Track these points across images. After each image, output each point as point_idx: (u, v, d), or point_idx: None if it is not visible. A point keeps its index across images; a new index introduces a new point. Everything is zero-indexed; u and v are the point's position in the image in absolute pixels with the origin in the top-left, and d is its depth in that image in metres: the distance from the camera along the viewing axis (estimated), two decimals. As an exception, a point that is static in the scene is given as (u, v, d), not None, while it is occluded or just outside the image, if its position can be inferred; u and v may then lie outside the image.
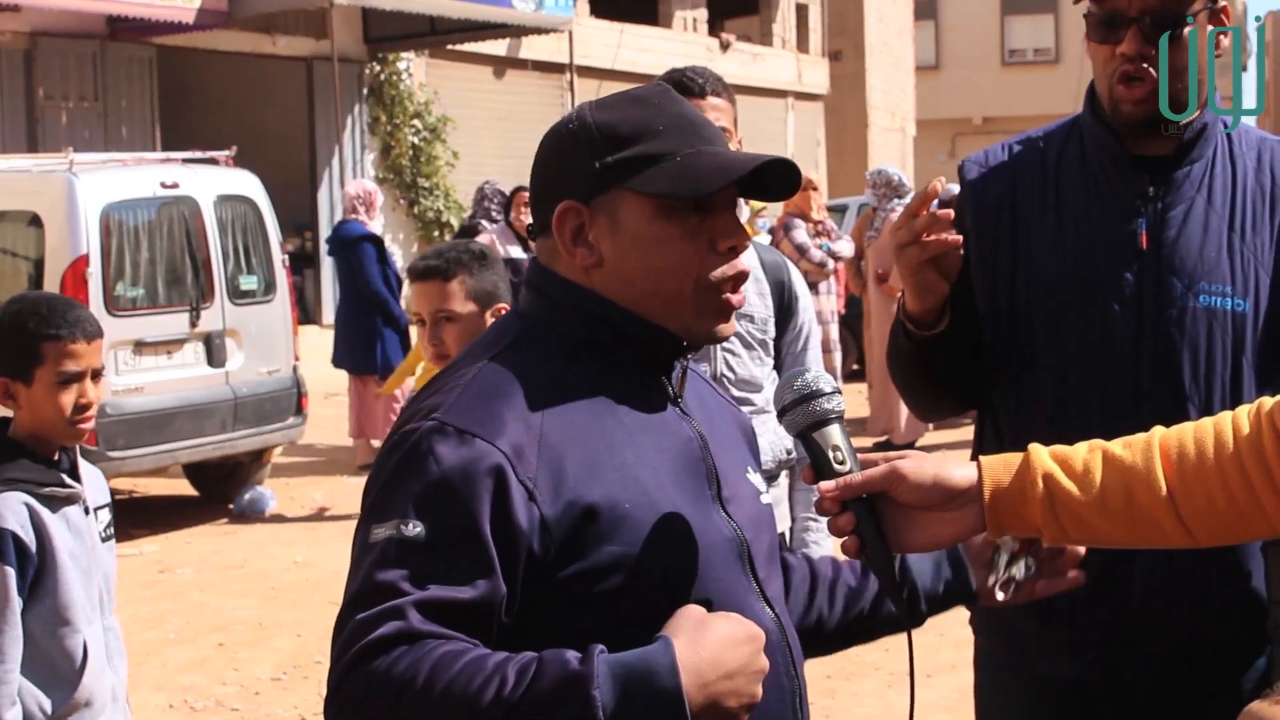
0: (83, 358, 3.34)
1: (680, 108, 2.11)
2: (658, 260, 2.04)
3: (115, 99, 18.26)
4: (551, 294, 2.09)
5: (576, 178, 2.05)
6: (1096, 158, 2.85)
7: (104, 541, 3.43)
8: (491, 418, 1.94)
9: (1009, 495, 2.11)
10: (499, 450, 1.91)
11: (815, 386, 2.10)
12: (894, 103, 35.56)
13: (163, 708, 6.59)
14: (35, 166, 10.46)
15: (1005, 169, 2.94)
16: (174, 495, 11.10)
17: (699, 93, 3.69)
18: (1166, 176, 2.80)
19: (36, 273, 9.38)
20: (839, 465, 2.08)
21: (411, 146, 21.58)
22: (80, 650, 3.27)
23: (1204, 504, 2.10)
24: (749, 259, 3.91)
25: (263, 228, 10.58)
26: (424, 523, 1.88)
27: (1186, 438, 2.13)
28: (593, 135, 2.05)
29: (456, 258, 3.83)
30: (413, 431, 1.96)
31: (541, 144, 2.13)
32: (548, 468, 1.93)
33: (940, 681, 6.56)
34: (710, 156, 2.05)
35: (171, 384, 9.78)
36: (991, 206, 2.90)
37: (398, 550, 1.88)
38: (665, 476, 2.02)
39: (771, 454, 3.87)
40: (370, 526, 1.93)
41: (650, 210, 2.03)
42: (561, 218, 2.06)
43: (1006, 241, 2.87)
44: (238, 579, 8.76)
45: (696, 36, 28.43)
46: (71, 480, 3.34)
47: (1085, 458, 2.13)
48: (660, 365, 2.11)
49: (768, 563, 2.15)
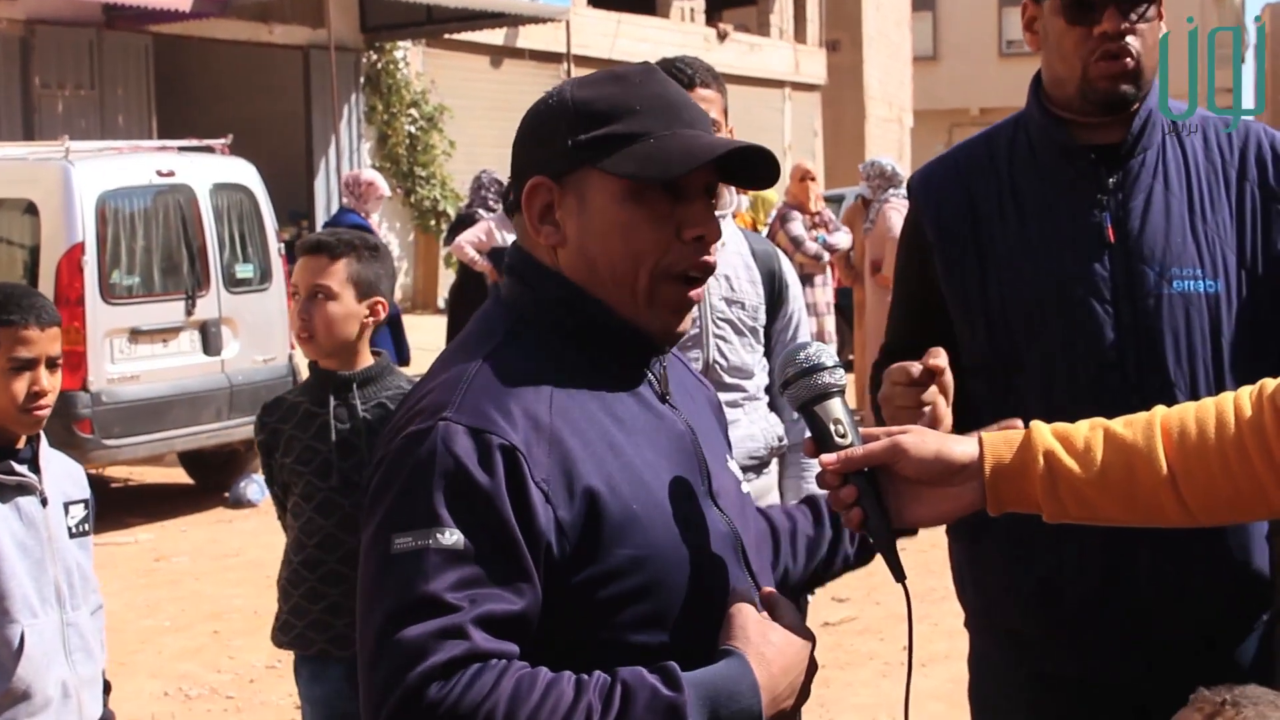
0: (35, 344, 3.30)
1: (661, 88, 2.04)
2: (618, 244, 1.98)
3: (112, 87, 18.24)
4: (531, 281, 2.04)
5: (549, 154, 2.00)
6: (1048, 153, 2.86)
7: (75, 536, 3.38)
8: (502, 414, 1.88)
9: (1010, 471, 2.11)
10: (516, 448, 1.86)
11: (818, 360, 2.10)
12: (891, 93, 35.55)
13: (158, 695, 6.59)
14: (31, 154, 10.44)
15: (958, 179, 2.94)
16: (169, 483, 11.10)
17: (687, 84, 3.70)
18: (1121, 166, 2.81)
19: (32, 261, 9.36)
20: (840, 438, 2.08)
21: (408, 135, 21.58)
22: (16, 641, 3.22)
23: (1204, 484, 2.10)
24: (738, 245, 3.92)
25: (259, 216, 10.57)
26: (460, 528, 1.81)
27: (1188, 417, 2.14)
28: (569, 112, 2.00)
29: (349, 240, 3.87)
30: (423, 433, 1.88)
31: (523, 120, 2.08)
32: (559, 469, 1.88)
33: (934, 671, 6.57)
34: (683, 139, 1.98)
35: (167, 372, 9.77)
36: (951, 218, 2.90)
37: (438, 560, 1.79)
38: (665, 474, 1.99)
39: (764, 440, 3.88)
40: (391, 537, 1.83)
41: (619, 191, 1.97)
42: (530, 193, 2.01)
43: (971, 251, 2.87)
44: (233, 567, 8.76)
45: (694, 26, 28.41)
46: (29, 471, 3.31)
47: (1087, 435, 2.13)
48: (642, 358, 2.07)
49: (757, 553, 2.14)
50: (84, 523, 3.43)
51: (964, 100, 40.93)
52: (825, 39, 32.86)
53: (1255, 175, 2.83)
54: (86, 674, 3.39)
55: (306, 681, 3.97)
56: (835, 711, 6.06)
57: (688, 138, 1.99)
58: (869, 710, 6.16)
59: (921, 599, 7.56)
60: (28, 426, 3.32)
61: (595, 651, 1.87)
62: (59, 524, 3.35)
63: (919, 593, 7.72)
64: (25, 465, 3.32)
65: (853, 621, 7.15)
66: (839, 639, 6.92)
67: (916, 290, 3.01)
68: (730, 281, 3.85)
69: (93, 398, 9.22)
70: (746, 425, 3.81)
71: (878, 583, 7.38)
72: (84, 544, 3.43)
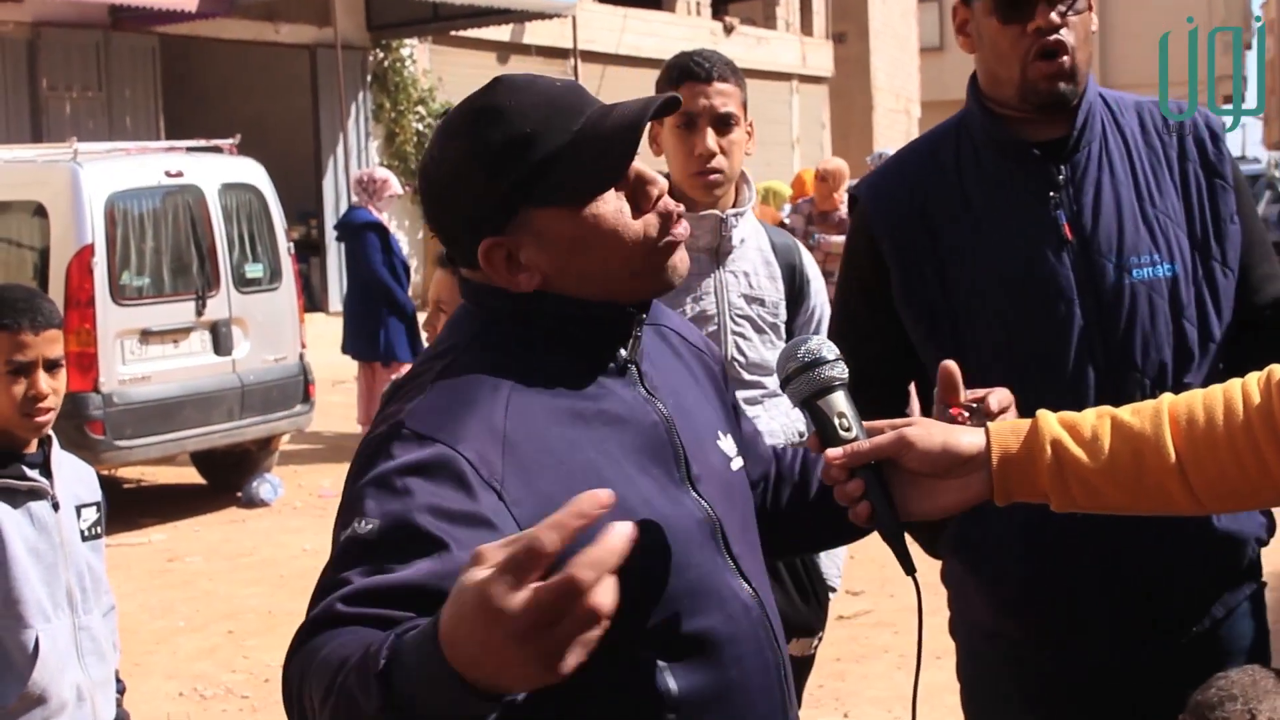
0: (31, 348, 3.29)
1: (529, 97, 1.98)
2: (596, 250, 1.97)
3: (119, 88, 18.26)
4: (494, 303, 2.03)
5: (479, 213, 1.97)
6: (994, 154, 2.85)
7: (87, 540, 3.38)
8: (454, 423, 1.88)
9: (1017, 462, 2.10)
10: (461, 455, 1.85)
11: (818, 354, 2.09)
12: (899, 84, 35.51)
13: (173, 696, 6.59)
14: (40, 157, 10.46)
15: (907, 188, 2.91)
16: (182, 484, 11.11)
17: (705, 78, 3.67)
18: (1067, 160, 2.81)
19: (42, 263, 9.37)
20: (845, 432, 2.07)
21: (416, 133, 21.58)
22: (30, 645, 3.23)
23: (1213, 471, 2.09)
24: (758, 240, 3.90)
25: (268, 216, 10.57)
26: (374, 519, 1.80)
27: (1196, 405, 2.12)
28: (469, 165, 1.97)
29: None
30: (377, 437, 1.91)
31: (423, 185, 2.04)
32: (514, 471, 1.87)
33: (949, 663, 6.56)
34: (593, 136, 1.95)
35: (178, 373, 9.78)
36: (905, 229, 2.87)
37: (351, 549, 1.81)
38: (631, 469, 1.96)
39: (784, 437, 3.85)
40: (338, 531, 1.87)
41: (567, 212, 1.95)
42: (488, 256, 1.98)
43: (929, 261, 2.84)
44: (246, 567, 8.76)
45: (700, 20, 28.39)
46: (40, 475, 3.30)
47: (1094, 424, 2.12)
48: (616, 342, 2.04)
49: (742, 536, 2.10)
50: (96, 525, 3.42)
51: (971, 91, 40.83)
52: (832, 31, 32.83)
53: (1195, 154, 2.87)
54: (99, 676, 3.40)
55: None
56: (850, 704, 6.05)
57: (593, 135, 1.96)
58: (884, 703, 6.15)
59: (934, 590, 7.53)
60: (30, 430, 3.31)
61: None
62: (71, 528, 3.35)
63: (931, 584, 7.70)
64: (36, 469, 3.31)
65: (867, 615, 7.13)
66: (854, 632, 6.91)
67: (862, 304, 2.98)
68: (749, 278, 3.81)
69: (104, 399, 9.23)
70: (766, 421, 3.77)
71: (891, 575, 7.37)
72: (96, 547, 3.43)
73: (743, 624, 2.01)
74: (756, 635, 2.03)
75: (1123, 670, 2.83)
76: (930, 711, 6.07)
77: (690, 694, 1.94)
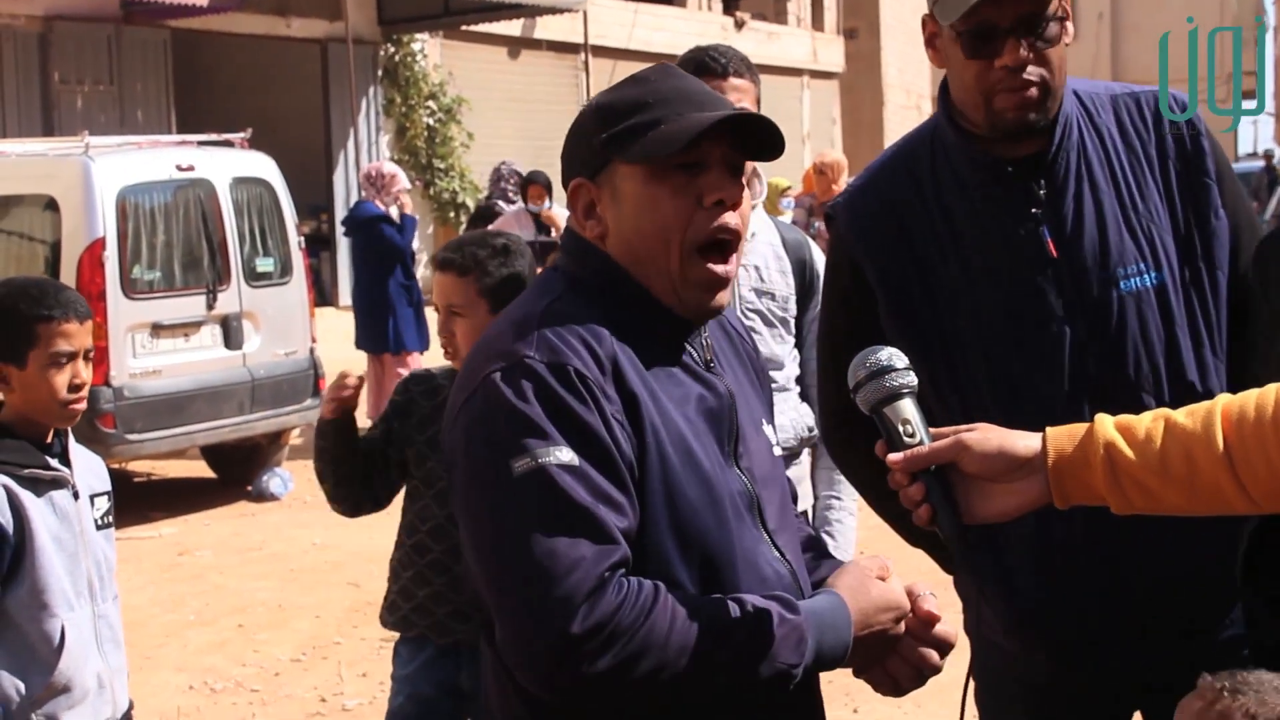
0: (75, 338, 3.32)
1: (676, 82, 2.21)
2: (647, 222, 2.14)
3: (130, 82, 18.27)
4: (584, 255, 2.21)
5: (583, 157, 2.21)
6: (973, 174, 2.76)
7: (101, 529, 3.40)
8: (573, 350, 2.05)
9: (1072, 464, 2.12)
10: (595, 379, 2.03)
11: (888, 363, 2.16)
12: (909, 80, 35.46)
13: (183, 689, 6.60)
14: (51, 150, 10.45)
15: (888, 214, 2.83)
16: (192, 478, 11.12)
17: (720, 73, 3.66)
18: (1046, 174, 2.72)
19: (53, 256, 9.38)
20: (909, 438, 2.13)
21: (426, 128, 21.58)
22: (57, 635, 3.25)
23: (1261, 464, 2.09)
24: (769, 235, 3.89)
25: (279, 210, 10.57)
26: (571, 446, 1.98)
27: (1249, 402, 2.13)
28: (595, 116, 2.20)
29: (473, 254, 3.78)
30: (508, 370, 2.04)
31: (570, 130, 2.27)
32: (621, 408, 2.06)
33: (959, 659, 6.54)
34: (690, 119, 2.13)
35: (189, 366, 9.79)
36: (891, 260, 2.81)
37: (564, 474, 1.97)
38: (694, 428, 2.13)
39: (793, 431, 3.85)
40: (508, 462, 1.99)
41: (642, 176, 2.14)
42: (574, 194, 2.21)
43: (917, 291, 2.79)
44: (256, 561, 8.77)
45: (712, 15, 28.37)
46: (60, 465, 3.32)
47: (1149, 426, 2.13)
48: (678, 335, 2.21)
49: (779, 516, 2.25)
50: (108, 515, 3.45)
51: (983, 87, 40.75)
52: (843, 27, 32.80)
53: (1174, 149, 2.79)
54: (116, 664, 3.43)
55: (403, 661, 4.01)
56: (860, 699, 6.04)
57: (695, 118, 2.14)
58: (894, 699, 6.14)
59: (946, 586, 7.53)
60: (66, 420, 3.34)
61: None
62: (88, 517, 3.37)
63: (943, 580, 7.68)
64: (56, 459, 3.33)
65: (877, 610, 7.12)
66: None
67: (844, 319, 2.93)
68: (760, 272, 3.81)
69: (115, 392, 9.24)
70: (776, 416, 3.77)
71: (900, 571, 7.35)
72: (108, 536, 3.46)
73: (775, 589, 2.14)
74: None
75: (1131, 687, 2.83)
76: (940, 707, 6.06)
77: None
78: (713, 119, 2.11)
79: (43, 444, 3.32)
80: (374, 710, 6.07)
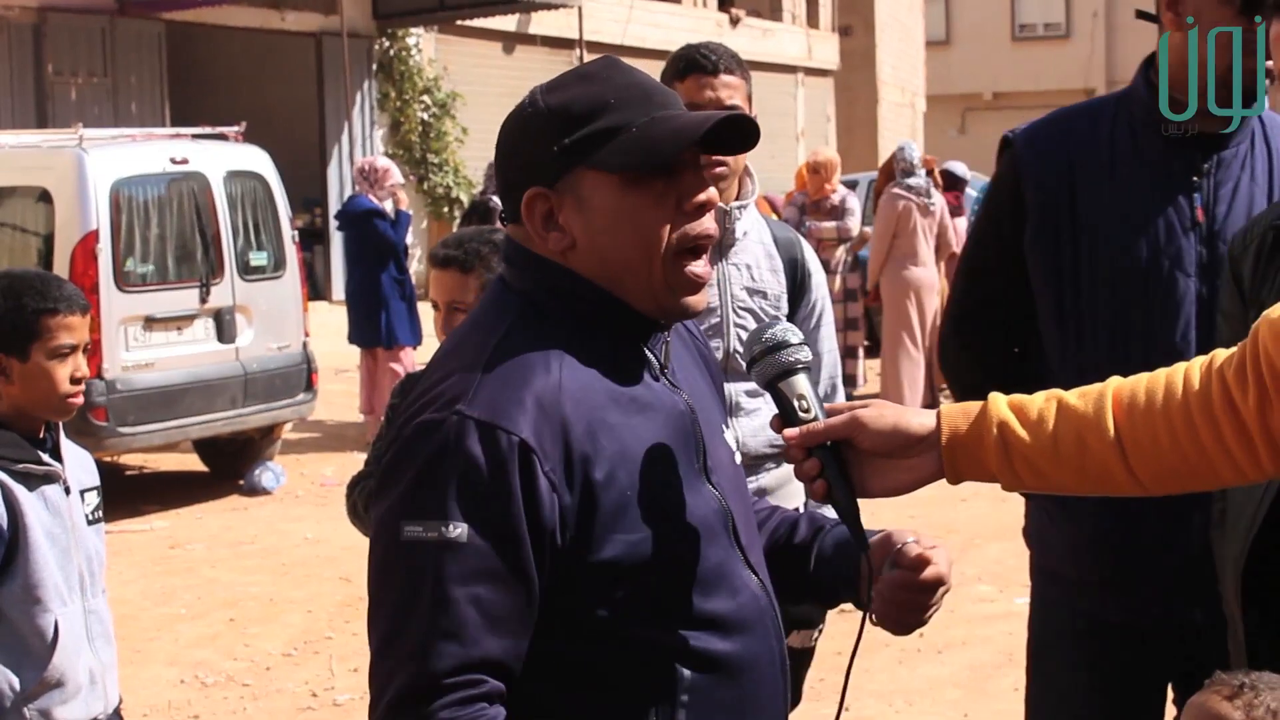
0: (76, 331, 3.32)
1: (630, 77, 2.10)
2: (628, 233, 2.04)
3: (125, 74, 18.23)
4: (532, 270, 2.10)
5: (538, 163, 2.06)
6: (1149, 135, 3.06)
7: (91, 524, 3.40)
8: (515, 405, 1.95)
9: (965, 442, 2.15)
10: (527, 443, 1.93)
11: (782, 338, 2.17)
12: (904, 78, 35.46)
13: (174, 683, 6.60)
14: (45, 142, 10.45)
15: (1061, 145, 3.13)
16: (184, 471, 11.11)
17: (711, 70, 3.66)
18: (1213, 155, 3.06)
19: (46, 249, 9.36)
20: (804, 414, 2.14)
21: (421, 122, 21.55)
22: (50, 629, 3.25)
23: (1151, 452, 2.13)
24: (760, 234, 3.89)
25: (272, 204, 10.56)
26: (465, 522, 1.91)
27: (1139, 386, 2.17)
28: (547, 118, 2.06)
29: (476, 250, 3.76)
30: (437, 424, 1.95)
31: (500, 133, 2.14)
32: (564, 456, 1.96)
33: (951, 657, 6.57)
34: (665, 122, 2.04)
35: (182, 360, 9.78)
36: (1052, 183, 3.10)
37: (443, 552, 1.90)
38: (661, 455, 2.05)
39: (780, 436, 3.84)
40: (401, 524, 1.93)
41: (615, 184, 2.03)
42: (530, 205, 2.07)
43: (1066, 216, 3.08)
44: (248, 555, 8.77)
45: (706, 12, 28.36)
46: (52, 459, 3.32)
47: (1041, 406, 2.17)
48: (642, 338, 2.13)
49: (747, 527, 2.19)
50: (97, 510, 3.45)
51: (977, 85, 40.80)
52: (838, 24, 32.78)
53: None
54: (108, 659, 3.43)
55: None
56: (851, 697, 6.03)
57: (668, 119, 2.05)
58: (886, 696, 6.16)
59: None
60: (65, 413, 3.34)
61: (594, 628, 1.99)
62: (80, 512, 3.37)
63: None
64: (48, 454, 3.33)
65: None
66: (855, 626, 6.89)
67: (993, 239, 3.25)
68: (751, 271, 3.81)
69: (107, 385, 9.23)
70: (766, 415, 3.77)
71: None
72: (99, 531, 3.46)
73: (751, 611, 2.11)
74: (764, 623, 2.13)
75: (1174, 624, 3.03)
76: (932, 705, 6.09)
77: (701, 678, 2.04)
78: (703, 126, 2.03)
79: (35, 438, 3.32)
80: (365, 705, 6.05)
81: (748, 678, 2.09)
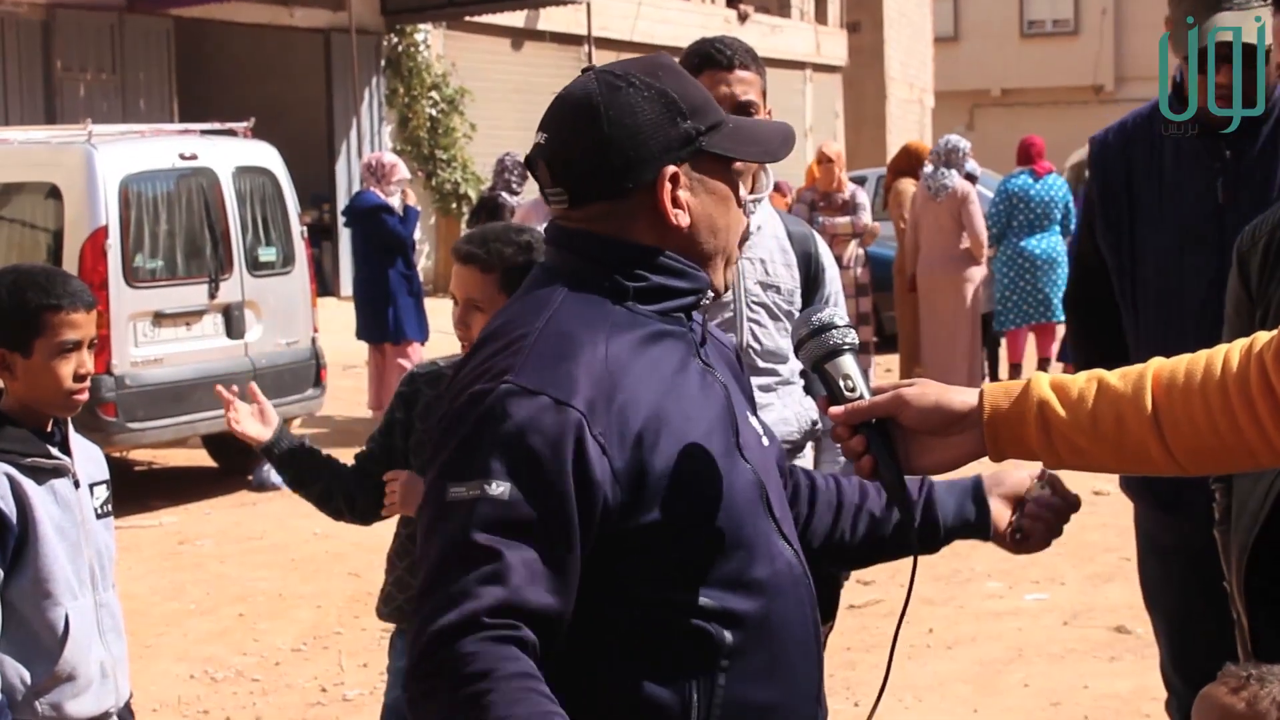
0: (81, 327, 3.31)
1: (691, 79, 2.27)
2: (726, 216, 2.21)
3: (133, 71, 18.25)
4: (594, 254, 2.18)
5: (669, 144, 2.15)
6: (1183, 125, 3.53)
7: (101, 518, 3.40)
8: (563, 376, 2.04)
9: (1007, 420, 2.19)
10: (574, 409, 2.01)
11: (829, 320, 2.25)
12: (912, 74, 35.43)
13: (183, 678, 6.61)
14: (53, 138, 10.45)
15: (1123, 146, 3.63)
16: (193, 467, 11.12)
17: (726, 65, 3.64)
18: (1239, 142, 3.47)
19: (55, 245, 9.37)
20: (849, 393, 2.22)
21: (429, 118, 21.56)
22: (61, 623, 3.25)
23: (1188, 431, 2.15)
24: (774, 228, 3.89)
25: (281, 199, 10.56)
26: (511, 482, 1.98)
27: (1179, 366, 2.20)
28: (674, 103, 2.15)
29: (499, 251, 3.71)
30: (486, 393, 2.04)
31: (608, 115, 2.14)
32: (616, 422, 2.04)
33: (961, 653, 6.56)
34: (753, 124, 2.26)
35: (190, 355, 9.78)
36: (1113, 180, 3.62)
37: (487, 509, 1.98)
38: (702, 430, 2.14)
39: (797, 424, 3.84)
40: (447, 485, 2.02)
41: (723, 171, 2.20)
42: (671, 182, 2.16)
43: (1124, 205, 3.59)
44: (257, 550, 8.78)
45: (715, 8, 28.34)
46: (61, 453, 3.32)
47: (1082, 386, 2.20)
48: (689, 313, 2.24)
49: (780, 502, 2.29)
50: (107, 503, 3.45)
51: (985, 81, 40.75)
52: (846, 20, 32.75)
53: None
54: (119, 653, 3.44)
55: (399, 653, 4.01)
56: (861, 693, 6.05)
57: (755, 122, 2.35)
58: (895, 691, 6.15)
59: (947, 580, 7.55)
60: (69, 409, 3.34)
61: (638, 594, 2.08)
62: (89, 505, 3.37)
63: (944, 574, 7.73)
64: (56, 448, 3.33)
65: (878, 604, 7.14)
66: (864, 621, 6.91)
67: (1087, 232, 3.78)
68: (765, 265, 3.80)
69: (116, 381, 9.24)
70: (780, 409, 3.76)
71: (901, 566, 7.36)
72: (108, 525, 3.46)
73: (786, 580, 2.20)
74: (798, 593, 2.22)
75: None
76: (941, 700, 6.08)
77: (741, 640, 2.12)
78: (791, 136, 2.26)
79: (43, 432, 3.32)
80: (374, 700, 6.07)
81: (783, 641, 2.17)
